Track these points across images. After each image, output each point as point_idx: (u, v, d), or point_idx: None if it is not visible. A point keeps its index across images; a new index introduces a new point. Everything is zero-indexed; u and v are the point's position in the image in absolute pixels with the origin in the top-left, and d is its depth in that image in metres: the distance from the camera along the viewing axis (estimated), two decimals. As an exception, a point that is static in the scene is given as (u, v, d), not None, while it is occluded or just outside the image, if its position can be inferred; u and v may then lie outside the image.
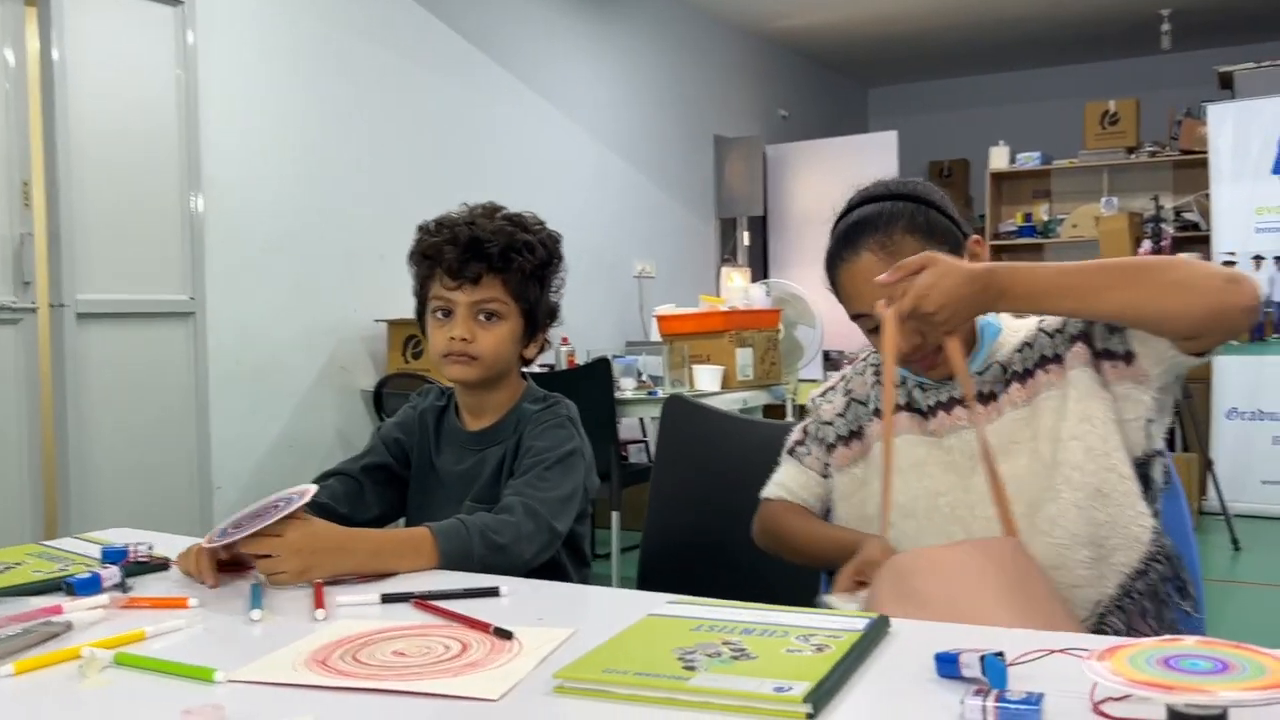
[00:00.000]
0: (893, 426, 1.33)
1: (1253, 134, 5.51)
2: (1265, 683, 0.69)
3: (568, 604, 1.20)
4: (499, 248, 1.56)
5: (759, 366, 4.32)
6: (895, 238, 1.32)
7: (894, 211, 1.34)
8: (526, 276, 1.59)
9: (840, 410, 1.51)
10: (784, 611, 1.05)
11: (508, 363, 1.63)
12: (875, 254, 1.32)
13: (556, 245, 1.66)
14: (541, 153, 5.59)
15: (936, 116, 9.00)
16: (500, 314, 1.59)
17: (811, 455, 1.54)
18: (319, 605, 1.15)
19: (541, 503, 1.47)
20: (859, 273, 1.33)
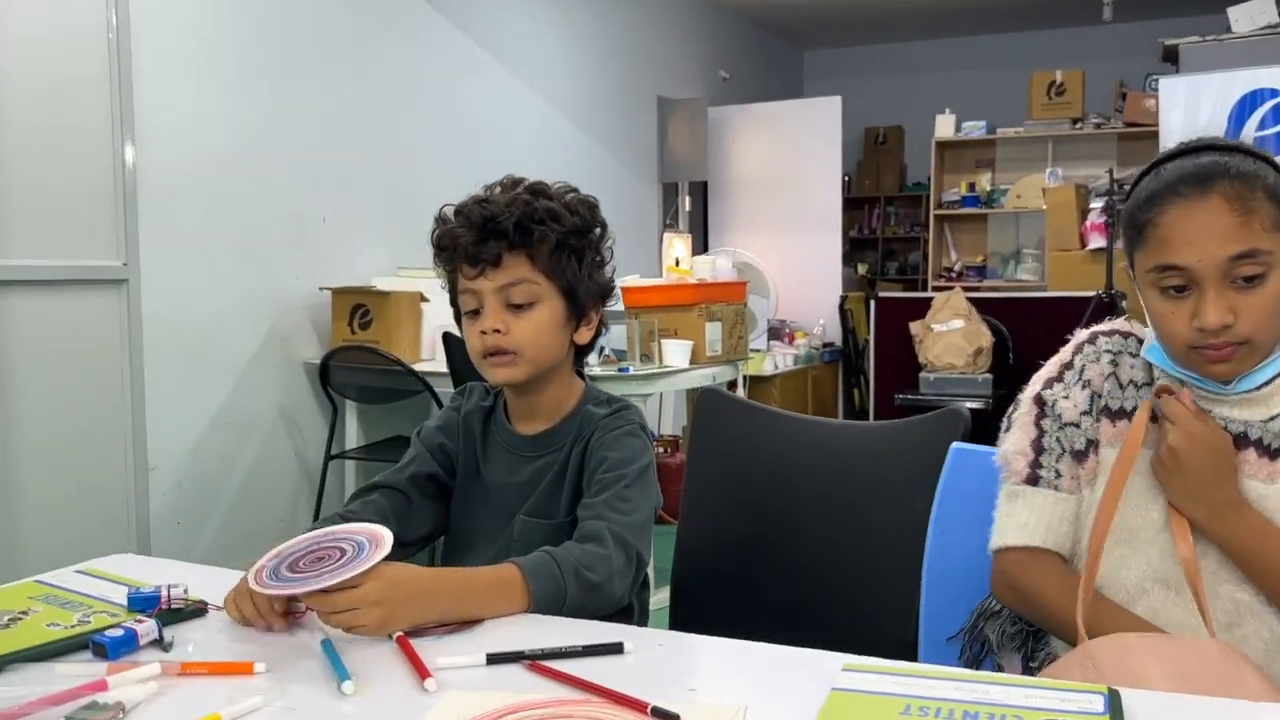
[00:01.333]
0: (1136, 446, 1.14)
1: (1202, 108, 5.53)
2: None
3: (708, 666, 1.03)
4: (514, 220, 1.35)
5: (726, 341, 4.18)
6: (1257, 196, 1.10)
7: (1257, 170, 1.12)
8: (556, 249, 1.38)
9: (1085, 407, 1.24)
10: (993, 683, 0.90)
11: (555, 355, 1.43)
12: (1230, 202, 1.10)
13: (592, 210, 1.45)
14: (487, 110, 5.33)
15: (873, 82, 8.93)
16: (533, 298, 1.38)
17: (1065, 476, 1.23)
18: (424, 674, 0.96)
19: (629, 529, 1.29)
20: (1201, 215, 1.10)
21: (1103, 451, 1.23)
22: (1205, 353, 1.14)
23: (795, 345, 6.84)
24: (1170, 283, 1.14)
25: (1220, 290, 1.11)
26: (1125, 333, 1.28)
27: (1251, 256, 1.10)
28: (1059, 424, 1.25)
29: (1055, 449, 1.25)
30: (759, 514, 1.79)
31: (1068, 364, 1.28)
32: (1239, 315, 1.11)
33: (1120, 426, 1.23)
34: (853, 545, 1.69)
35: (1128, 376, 1.25)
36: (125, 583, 1.21)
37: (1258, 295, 1.11)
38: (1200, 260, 1.11)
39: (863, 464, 1.74)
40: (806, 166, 7.18)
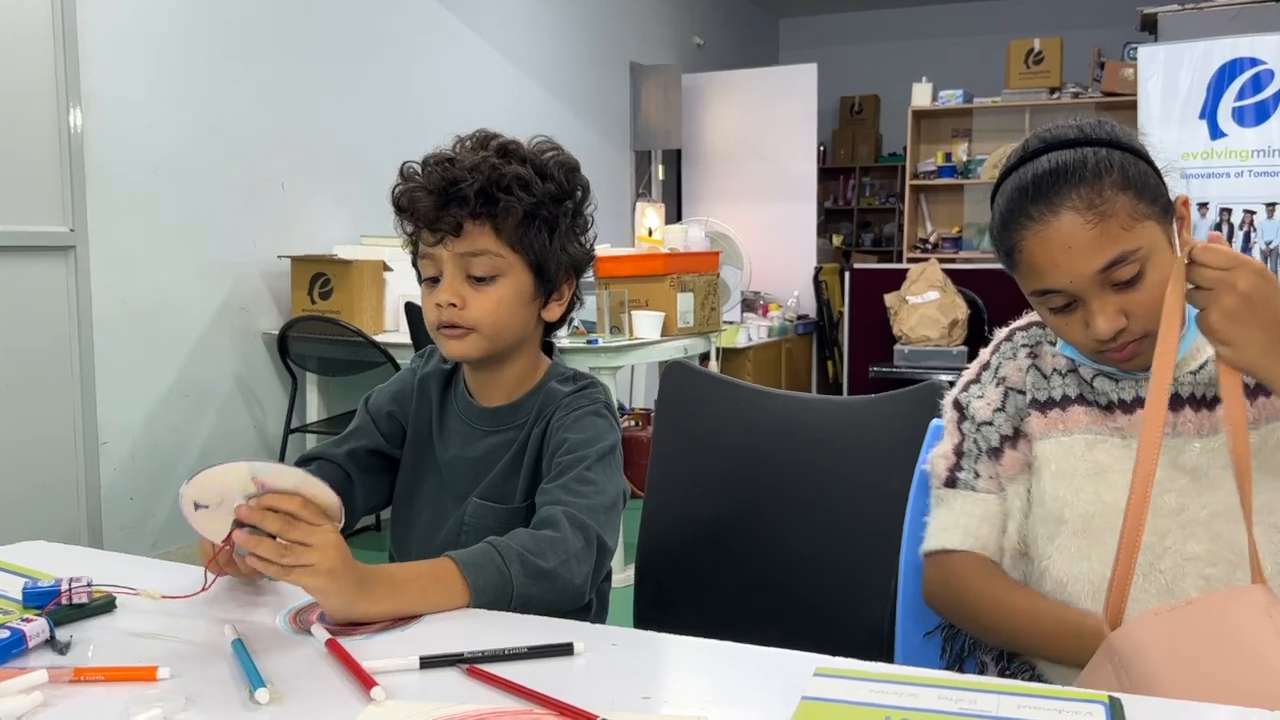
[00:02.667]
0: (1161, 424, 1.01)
1: (1181, 77, 5.45)
2: None
3: (667, 668, 0.94)
4: (477, 186, 1.23)
5: (699, 313, 4.08)
6: (1105, 195, 1.04)
7: (1101, 161, 1.06)
8: (525, 220, 1.26)
9: (998, 404, 1.20)
10: (973, 689, 0.81)
11: (518, 331, 1.31)
12: (1081, 214, 1.04)
13: (571, 174, 1.31)
14: (455, 74, 5.18)
15: (849, 50, 8.81)
16: (495, 271, 1.26)
17: (982, 477, 1.20)
18: (368, 683, 0.85)
19: (589, 513, 1.18)
20: (1057, 238, 1.05)
21: (1037, 445, 1.17)
22: (1111, 355, 1.10)
23: (769, 317, 6.76)
24: (1054, 304, 1.10)
25: (1103, 299, 1.06)
26: (1042, 322, 1.22)
27: (1121, 261, 1.04)
28: (974, 425, 1.21)
29: (973, 450, 1.21)
30: (727, 492, 1.70)
31: (985, 364, 1.25)
32: (1130, 314, 1.06)
33: (1053, 415, 1.16)
34: (825, 527, 1.61)
35: (1050, 366, 1.20)
36: (27, 574, 1.10)
37: (1141, 291, 1.06)
38: (1072, 281, 1.06)
39: (836, 441, 1.65)
40: (781, 136, 7.07)
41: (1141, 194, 1.06)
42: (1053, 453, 1.15)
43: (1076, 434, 1.14)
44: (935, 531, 1.21)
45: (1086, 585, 1.09)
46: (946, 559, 1.19)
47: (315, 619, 1.01)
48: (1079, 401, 1.16)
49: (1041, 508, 1.14)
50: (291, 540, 0.96)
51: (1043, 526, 1.14)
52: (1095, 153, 1.06)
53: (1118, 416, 1.14)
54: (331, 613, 1.00)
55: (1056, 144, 1.09)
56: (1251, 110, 5.29)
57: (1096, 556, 1.08)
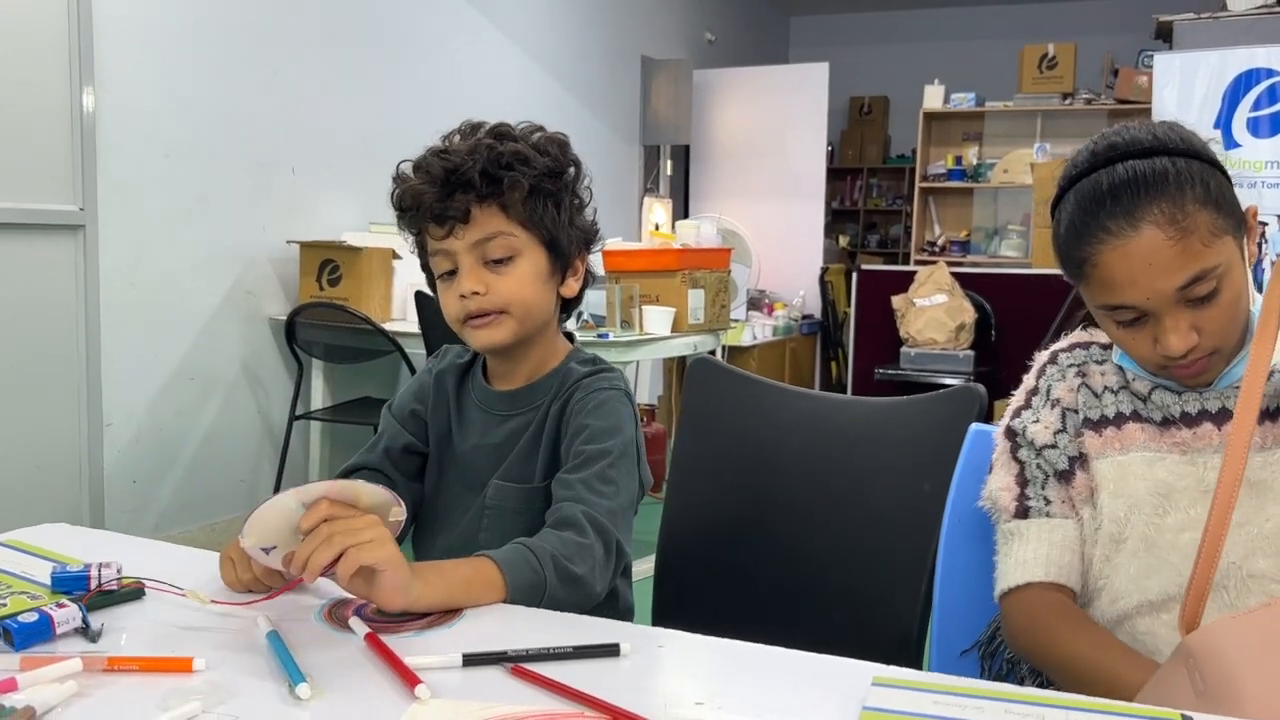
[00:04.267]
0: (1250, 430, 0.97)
1: (1196, 86, 5.43)
2: None
3: (717, 673, 0.91)
4: (479, 168, 1.21)
5: (709, 310, 4.05)
6: (1188, 210, 1.01)
7: (1183, 174, 1.02)
8: (530, 195, 1.24)
9: (1058, 426, 1.16)
10: (1044, 704, 0.79)
11: (544, 311, 1.29)
12: (1163, 230, 1.00)
13: (562, 149, 1.30)
14: (467, 62, 5.15)
15: (860, 50, 8.78)
16: (512, 251, 1.24)
17: (1054, 501, 1.14)
18: (412, 681, 0.83)
19: (609, 516, 1.16)
20: (1139, 253, 1.01)
21: (1094, 465, 1.13)
22: (1177, 371, 1.08)
23: (774, 316, 6.73)
24: (1125, 319, 1.07)
25: (1177, 316, 1.03)
26: (1085, 344, 1.21)
27: (1200, 279, 1.01)
28: (1035, 451, 1.16)
29: (1039, 476, 1.16)
30: (751, 491, 1.68)
31: (1033, 389, 1.21)
32: (1202, 331, 1.04)
33: (1108, 434, 1.13)
34: (853, 530, 1.58)
35: (1101, 384, 1.17)
36: (53, 558, 1.07)
37: (1215, 308, 1.03)
38: (1149, 298, 1.03)
39: (864, 442, 1.63)
40: (790, 134, 7.03)
41: (1220, 208, 1.03)
42: (1110, 472, 1.12)
43: (1134, 452, 1.11)
44: (1013, 567, 1.14)
45: (1145, 605, 1.06)
46: (1027, 596, 1.12)
47: (352, 613, 0.98)
48: (1134, 419, 1.13)
49: (1098, 528, 1.12)
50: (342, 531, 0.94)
51: (1100, 547, 1.11)
52: (1175, 163, 1.03)
53: (1176, 431, 1.11)
54: (388, 595, 0.96)
55: (1132, 151, 1.05)
56: (1266, 121, 5.27)
57: (1155, 576, 1.05)
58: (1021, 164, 6.69)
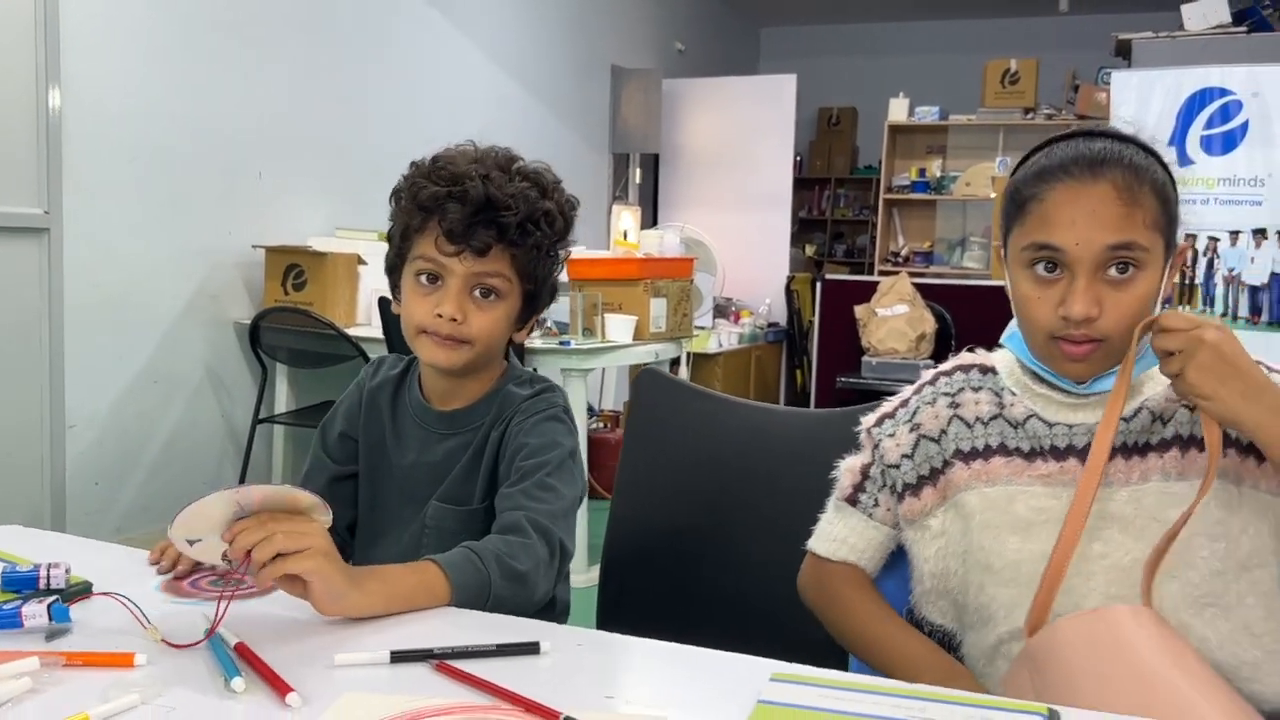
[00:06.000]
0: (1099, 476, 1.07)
1: (1152, 104, 5.55)
2: None
3: (630, 669, 0.97)
4: (519, 218, 1.26)
5: (671, 318, 4.11)
6: (1143, 190, 1.08)
7: (1149, 164, 1.10)
8: (539, 253, 1.31)
9: (908, 450, 1.23)
10: (927, 699, 0.85)
11: (500, 348, 1.36)
12: (1118, 193, 1.07)
13: (573, 212, 1.36)
14: (435, 70, 5.19)
15: (829, 61, 8.88)
16: (501, 292, 1.30)
17: (880, 506, 1.26)
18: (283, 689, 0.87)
19: (550, 518, 1.22)
20: (1088, 199, 1.07)
21: (964, 496, 1.19)
22: (1064, 346, 1.11)
23: (740, 324, 6.81)
24: (1041, 265, 1.10)
25: (1091, 280, 1.07)
26: (968, 366, 1.26)
27: (1129, 249, 1.07)
28: (882, 462, 1.25)
29: (878, 479, 1.26)
30: (694, 500, 1.73)
31: (904, 402, 1.28)
32: (1104, 309, 1.08)
33: (976, 467, 1.18)
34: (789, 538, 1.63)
35: (973, 414, 1.21)
36: (5, 559, 1.11)
37: (1125, 293, 1.08)
38: (1079, 244, 1.07)
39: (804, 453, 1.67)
40: (758, 144, 7.12)
41: (1164, 209, 1.10)
42: (978, 504, 1.17)
43: (1000, 485, 1.16)
44: (826, 539, 1.29)
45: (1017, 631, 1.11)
46: (828, 564, 1.28)
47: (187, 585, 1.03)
48: (1001, 451, 1.18)
49: (969, 556, 1.17)
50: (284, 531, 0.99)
51: (973, 575, 1.17)
52: (1144, 155, 1.11)
53: (1042, 464, 1.15)
54: (320, 603, 1.01)
55: (1110, 134, 1.13)
56: (1219, 139, 5.40)
57: (1025, 604, 1.10)
58: (984, 177, 6.80)
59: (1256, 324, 5.33)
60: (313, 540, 0.99)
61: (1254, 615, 1.09)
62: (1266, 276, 5.30)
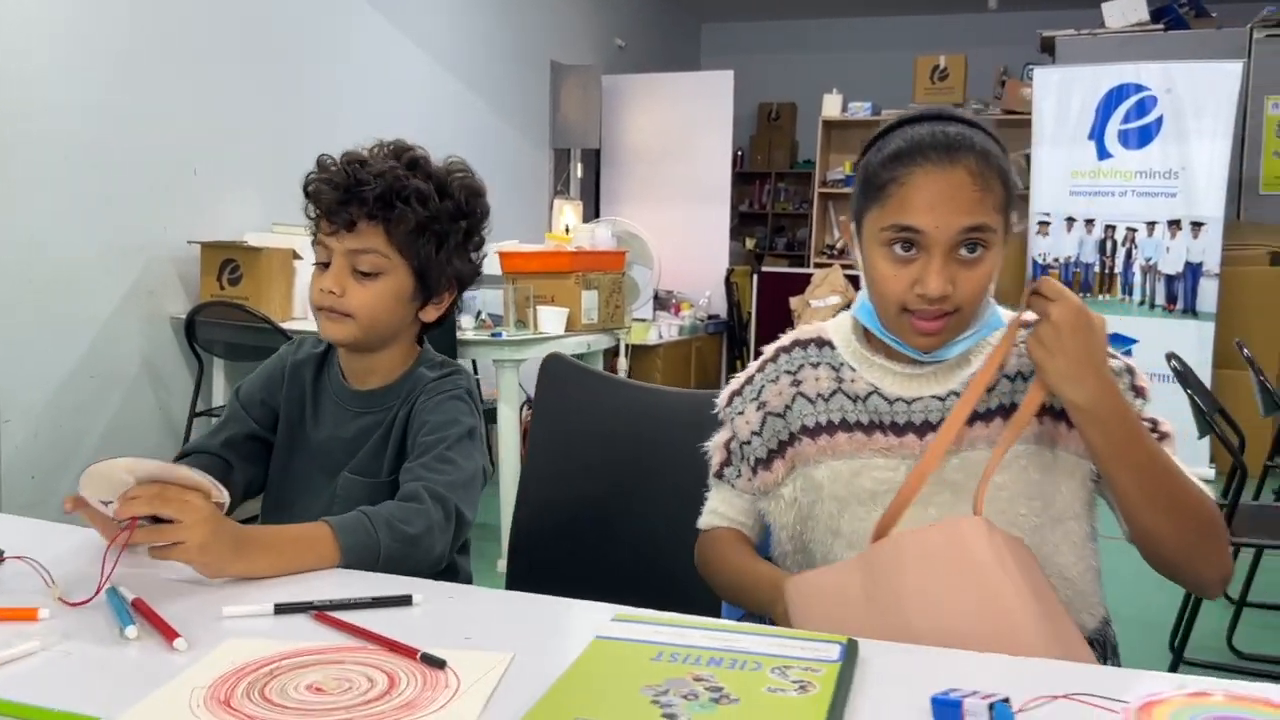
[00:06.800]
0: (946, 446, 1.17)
1: (1073, 99, 5.74)
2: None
3: (492, 616, 1.08)
4: (378, 192, 1.37)
5: (603, 310, 4.22)
6: (992, 176, 1.15)
7: (996, 151, 1.18)
8: (416, 229, 1.40)
9: (756, 427, 1.33)
10: (745, 633, 0.97)
11: (392, 326, 1.45)
12: (972, 178, 1.14)
13: (472, 197, 1.46)
14: (373, 66, 5.25)
15: (768, 57, 9.02)
16: (379, 269, 1.40)
17: (742, 477, 1.36)
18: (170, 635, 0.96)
19: (448, 487, 1.32)
20: (946, 183, 1.14)
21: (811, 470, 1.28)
22: (916, 320, 1.19)
23: (681, 316, 6.93)
24: (900, 245, 1.18)
25: (945, 260, 1.15)
26: (805, 340, 1.34)
27: (980, 230, 1.15)
28: (737, 438, 1.35)
29: (738, 453, 1.36)
30: (598, 477, 1.82)
31: (750, 379, 1.37)
32: (957, 286, 1.16)
33: (822, 441, 1.28)
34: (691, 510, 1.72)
35: (815, 390, 1.30)
36: (-79, 531, 1.20)
37: (975, 270, 1.17)
38: (937, 227, 1.15)
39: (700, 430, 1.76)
40: (698, 139, 7.24)
41: (1008, 192, 1.19)
42: (826, 476, 1.27)
43: (843, 459, 1.26)
44: (707, 513, 1.40)
45: None
46: (708, 535, 1.39)
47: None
48: (843, 427, 1.27)
49: (819, 522, 1.28)
50: (166, 515, 1.08)
51: (823, 537, 1.28)
52: (990, 141, 1.19)
53: (881, 437, 1.25)
54: (207, 571, 1.11)
55: (959, 119, 1.21)
56: (1135, 133, 5.60)
57: None
58: (915, 171, 6.96)
59: (1172, 311, 5.55)
60: (185, 533, 1.08)
61: (1068, 560, 1.23)
62: (1181, 266, 5.51)
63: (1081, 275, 5.67)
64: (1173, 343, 5.33)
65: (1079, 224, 5.68)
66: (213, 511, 1.11)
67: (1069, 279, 5.68)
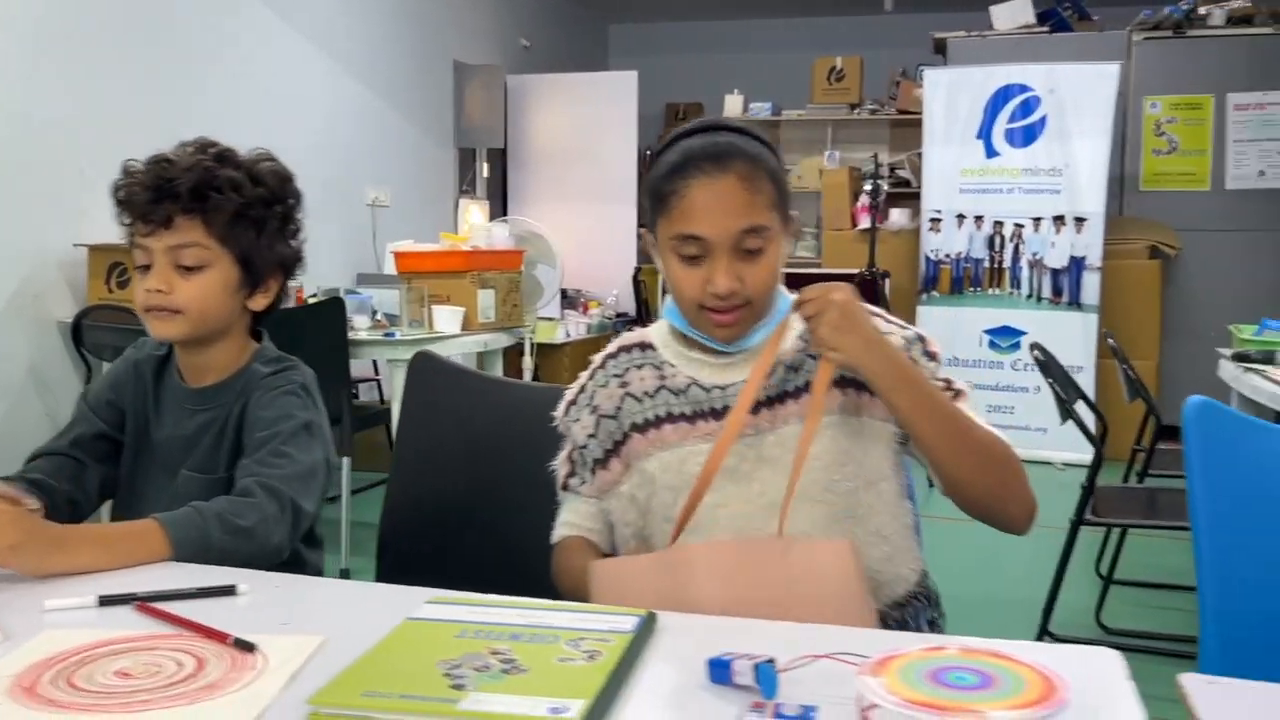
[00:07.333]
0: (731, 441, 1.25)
1: (962, 100, 5.91)
2: (1025, 700, 0.72)
3: (316, 603, 1.11)
4: (190, 184, 1.40)
5: (501, 308, 4.25)
6: (760, 178, 1.26)
7: (762, 153, 1.28)
8: (234, 218, 1.43)
9: (591, 430, 1.39)
10: (552, 610, 1.02)
11: (223, 318, 1.48)
12: (742, 183, 1.25)
13: (283, 183, 1.50)
14: (266, 66, 5.20)
15: (675, 58, 9.10)
16: (203, 262, 1.43)
17: (586, 483, 1.41)
18: None
19: (283, 480, 1.35)
20: (720, 191, 1.24)
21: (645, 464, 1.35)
22: (713, 315, 1.29)
23: (589, 315, 6.98)
24: (689, 251, 1.27)
25: (730, 260, 1.26)
26: (629, 345, 1.42)
27: (756, 231, 1.26)
28: (575, 445, 1.41)
29: (579, 460, 1.41)
30: (465, 472, 1.86)
31: (583, 387, 1.43)
32: (744, 281, 1.27)
33: (650, 435, 1.35)
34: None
35: (641, 389, 1.37)
36: None
37: (759, 265, 1.27)
38: (717, 233, 1.25)
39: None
40: (605, 139, 7.30)
41: (779, 190, 1.29)
42: (657, 468, 1.34)
43: (672, 449, 1.33)
44: (557, 527, 1.44)
45: None
46: (559, 546, 1.42)
47: None
48: (668, 419, 1.35)
49: (655, 512, 1.34)
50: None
51: (660, 526, 1.34)
52: (756, 145, 1.29)
53: (704, 424, 1.33)
54: (30, 574, 1.13)
55: (729, 128, 1.32)
56: (1021, 133, 5.79)
57: None
58: (814, 170, 7.12)
59: (1058, 304, 5.74)
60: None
61: (882, 520, 1.32)
62: (1066, 260, 5.71)
63: (972, 270, 5.84)
64: (1059, 334, 5.56)
65: (969, 220, 5.85)
66: (20, 514, 1.13)
67: (960, 274, 5.86)
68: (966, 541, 3.84)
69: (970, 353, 5.79)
